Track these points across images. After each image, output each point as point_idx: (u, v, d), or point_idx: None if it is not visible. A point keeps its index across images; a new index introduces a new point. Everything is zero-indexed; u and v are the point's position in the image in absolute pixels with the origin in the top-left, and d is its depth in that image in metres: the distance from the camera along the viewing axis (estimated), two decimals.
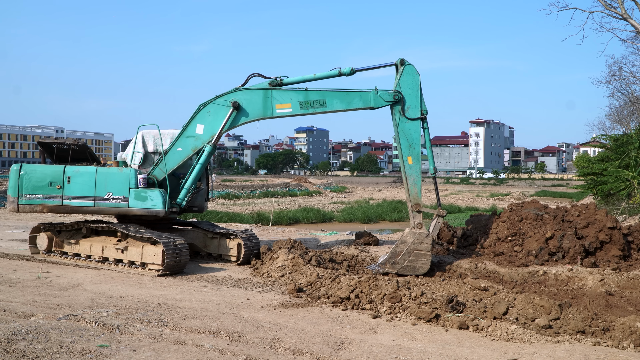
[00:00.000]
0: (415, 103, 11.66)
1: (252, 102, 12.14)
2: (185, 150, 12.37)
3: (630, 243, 13.02)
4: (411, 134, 11.65)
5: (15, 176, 12.15)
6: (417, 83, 11.67)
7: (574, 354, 6.69)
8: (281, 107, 12.04)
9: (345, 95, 11.86)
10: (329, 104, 11.90)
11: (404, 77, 11.66)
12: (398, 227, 27.40)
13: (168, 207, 11.97)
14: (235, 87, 12.20)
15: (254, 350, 6.75)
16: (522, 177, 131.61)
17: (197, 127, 12.31)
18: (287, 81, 12.08)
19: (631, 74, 36.72)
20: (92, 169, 12.14)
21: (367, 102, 11.81)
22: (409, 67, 11.68)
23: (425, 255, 11.38)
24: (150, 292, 9.85)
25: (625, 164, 25.30)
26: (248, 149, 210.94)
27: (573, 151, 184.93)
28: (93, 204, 11.99)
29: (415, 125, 11.65)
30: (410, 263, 11.32)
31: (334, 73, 12.02)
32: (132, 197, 11.84)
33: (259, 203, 42.70)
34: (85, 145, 12.97)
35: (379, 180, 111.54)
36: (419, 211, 11.59)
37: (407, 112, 11.62)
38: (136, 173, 12.00)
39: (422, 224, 11.55)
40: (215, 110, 12.22)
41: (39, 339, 6.94)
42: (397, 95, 11.58)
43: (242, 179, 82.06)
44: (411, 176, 11.70)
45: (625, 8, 25.33)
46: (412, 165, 11.68)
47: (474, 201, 50.85)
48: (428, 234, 11.46)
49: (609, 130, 55.08)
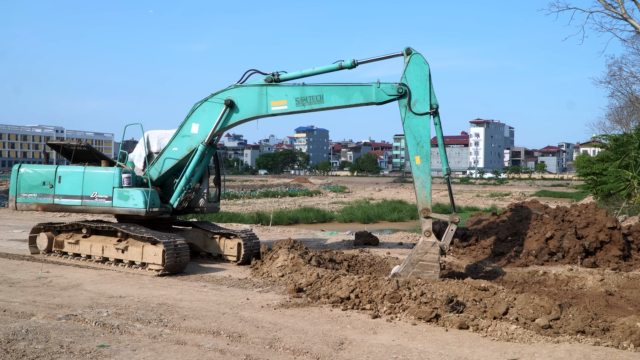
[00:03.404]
0: (423, 96, 10.58)
1: (247, 99, 11.66)
2: (181, 150, 12.21)
3: (630, 243, 13.03)
4: (419, 130, 10.55)
5: (15, 176, 12.65)
6: (425, 74, 10.58)
7: (574, 354, 6.69)
8: (276, 104, 11.42)
9: (345, 89, 11.01)
10: (327, 100, 11.11)
11: (410, 67, 10.62)
12: (398, 227, 27.40)
13: (150, 206, 11.74)
14: (230, 85, 11.87)
15: (254, 350, 6.75)
16: (522, 177, 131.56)
17: (193, 126, 12.08)
18: (285, 77, 11.52)
19: (631, 74, 36.74)
20: (80, 169, 12.28)
21: (369, 97, 10.86)
22: (416, 57, 10.61)
23: (432, 267, 10.26)
24: (150, 292, 9.85)
25: (625, 164, 25.30)
26: (248, 149, 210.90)
27: (573, 151, 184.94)
28: (80, 203, 12.16)
29: (424, 120, 10.56)
30: (415, 275, 10.22)
31: (334, 67, 11.19)
32: (116, 196, 11.85)
33: (259, 203, 42.70)
34: (89, 145, 13.02)
35: (379, 180, 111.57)
36: (427, 217, 10.50)
37: (414, 106, 10.55)
38: (121, 172, 11.93)
39: (431, 232, 10.45)
40: (210, 109, 11.93)
41: (39, 339, 6.94)
42: (402, 89, 10.57)
43: (242, 179, 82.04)
44: (419, 178, 10.56)
45: (625, 8, 25.36)
46: (420, 165, 10.54)
47: (474, 201, 50.87)
48: (434, 243, 10.35)
49: (609, 130, 55.10)
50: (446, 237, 10.56)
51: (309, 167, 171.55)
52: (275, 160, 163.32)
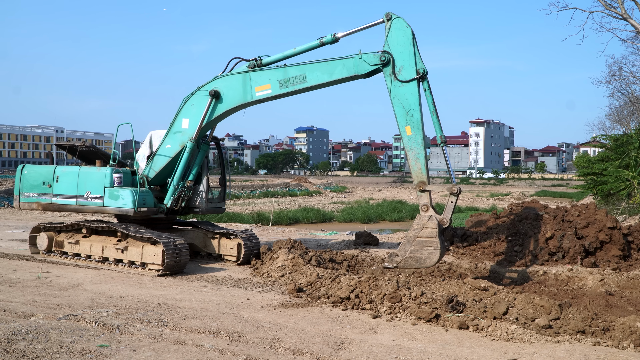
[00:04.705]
0: (408, 62, 9.99)
1: (232, 88, 11.48)
2: (174, 146, 12.11)
3: (630, 243, 13.02)
4: (407, 98, 9.90)
5: (19, 176, 12.94)
6: (408, 38, 10.02)
7: (574, 354, 6.69)
8: (261, 89, 11.20)
9: (326, 65, 10.63)
10: (310, 78, 10.75)
11: (392, 33, 10.08)
12: (398, 227, 27.40)
13: (139, 206, 11.68)
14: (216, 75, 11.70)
15: (254, 350, 6.75)
16: (522, 177, 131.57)
17: (183, 122, 11.98)
18: (267, 61, 11.31)
19: (631, 74, 36.78)
20: (75, 169, 12.38)
21: (351, 70, 10.46)
22: (398, 21, 10.07)
23: (431, 243, 9.47)
24: (150, 292, 9.85)
25: (625, 164, 25.30)
26: (248, 149, 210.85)
27: (573, 151, 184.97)
28: (75, 202, 12.26)
29: (411, 87, 9.93)
30: (412, 254, 9.52)
31: (316, 44, 10.94)
32: (107, 195, 11.89)
33: (259, 203, 42.71)
34: (95, 146, 13.09)
35: (379, 180, 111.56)
36: (424, 190, 9.84)
37: (399, 74, 9.97)
38: (112, 172, 11.93)
39: (428, 206, 9.75)
40: (198, 102, 11.80)
41: (39, 339, 6.94)
42: (384, 56, 10.04)
43: (242, 179, 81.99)
44: (412, 149, 9.91)
45: (625, 8, 25.36)
46: (412, 136, 9.88)
47: (474, 201, 50.87)
48: (431, 216, 9.59)
49: (609, 130, 55.11)
50: (446, 211, 9.84)
51: (309, 167, 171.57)
52: (275, 160, 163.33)
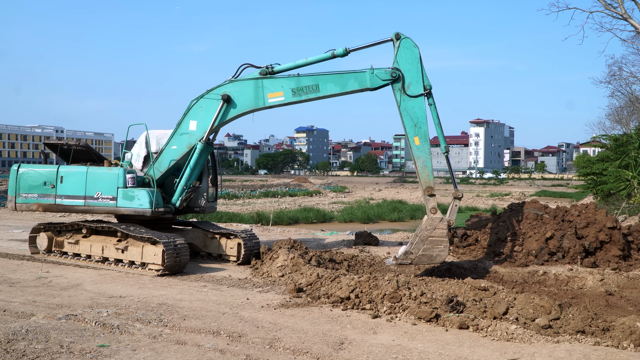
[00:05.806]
0: (416, 78, 10.96)
1: (243, 93, 11.79)
2: (180, 148, 12.21)
3: (630, 243, 13.03)
4: (415, 112, 10.92)
5: (14, 176, 12.50)
6: (416, 57, 10.99)
7: (574, 354, 6.69)
8: (273, 96, 11.61)
9: (339, 77, 11.27)
10: (323, 89, 11.33)
11: (401, 51, 11.00)
12: (398, 227, 27.40)
13: (155, 207, 11.75)
14: (225, 80, 11.93)
15: (254, 350, 6.75)
16: (522, 177, 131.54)
17: (191, 124, 12.11)
18: (279, 69, 11.69)
19: (631, 74, 36.73)
20: (83, 169, 12.21)
21: (363, 83, 11.18)
22: (406, 41, 11.01)
23: (442, 242, 10.68)
24: (150, 292, 9.85)
25: (625, 164, 25.30)
26: (248, 149, 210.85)
27: (573, 151, 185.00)
28: (83, 203, 12.09)
29: (419, 102, 10.94)
30: (425, 252, 10.66)
31: (327, 56, 11.45)
32: (120, 196, 11.82)
33: (259, 203, 42.68)
34: (88, 145, 12.97)
35: (379, 180, 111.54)
36: (431, 195, 10.90)
37: (408, 89, 10.91)
38: (125, 173, 11.91)
39: (437, 209, 10.81)
40: (207, 105, 11.98)
41: (39, 339, 6.94)
42: (395, 73, 10.93)
43: (242, 179, 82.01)
44: (420, 158, 10.95)
45: (625, 8, 25.35)
46: (420, 146, 10.91)
47: (474, 201, 50.84)
48: (442, 219, 10.76)
49: (609, 130, 55.08)
50: (451, 213, 11.05)
51: (309, 167, 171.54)
52: (275, 160, 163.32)
